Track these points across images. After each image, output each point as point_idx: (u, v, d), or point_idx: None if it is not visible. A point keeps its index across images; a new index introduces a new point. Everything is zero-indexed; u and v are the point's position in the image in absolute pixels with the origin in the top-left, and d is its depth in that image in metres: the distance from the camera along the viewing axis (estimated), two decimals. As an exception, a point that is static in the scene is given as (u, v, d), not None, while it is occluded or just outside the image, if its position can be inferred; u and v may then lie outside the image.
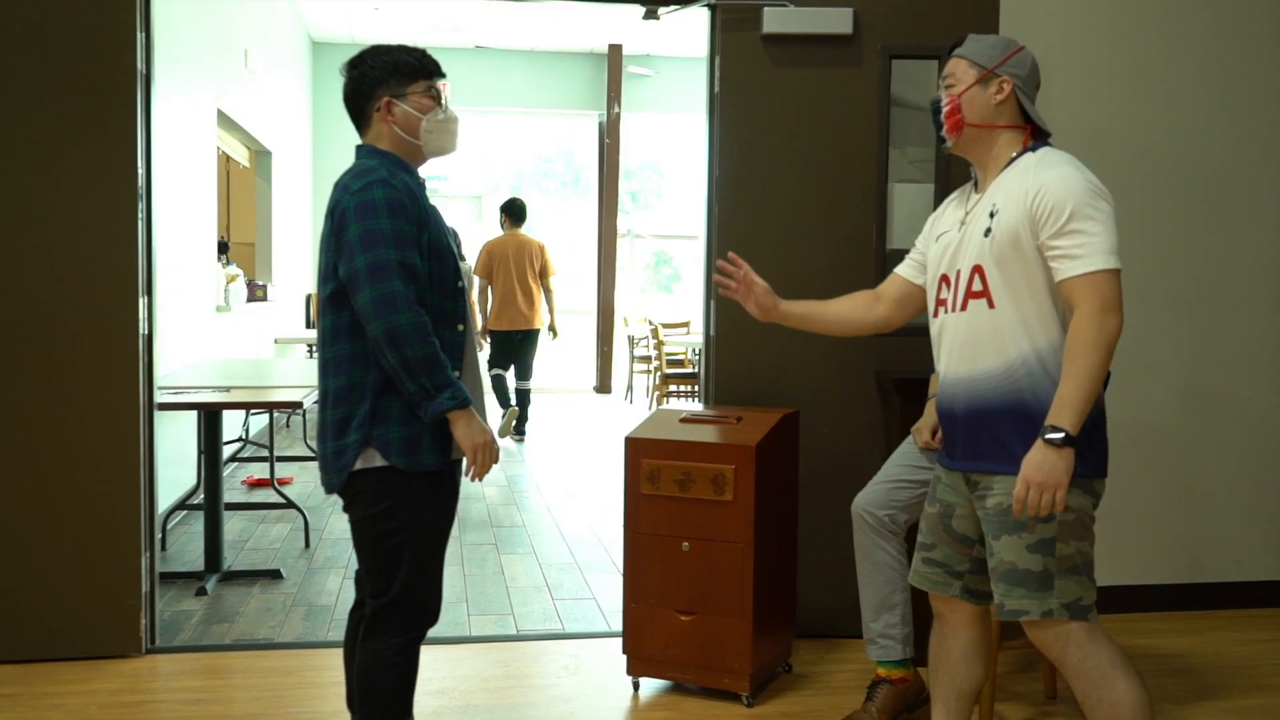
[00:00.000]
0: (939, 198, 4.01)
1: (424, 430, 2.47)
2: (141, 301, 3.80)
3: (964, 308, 2.50)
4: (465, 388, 2.47)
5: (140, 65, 3.76)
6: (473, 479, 2.52)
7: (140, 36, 3.74)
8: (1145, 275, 4.33)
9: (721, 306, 4.04)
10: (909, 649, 3.30)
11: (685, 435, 3.54)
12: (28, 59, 3.65)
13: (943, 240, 2.63)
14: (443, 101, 2.62)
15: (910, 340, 4.01)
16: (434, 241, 2.50)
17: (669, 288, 18.81)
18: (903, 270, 2.89)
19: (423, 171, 2.69)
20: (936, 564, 2.64)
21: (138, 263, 3.78)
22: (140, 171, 3.77)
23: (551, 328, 8.83)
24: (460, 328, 2.57)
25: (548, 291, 8.71)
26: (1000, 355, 2.43)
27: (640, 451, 3.53)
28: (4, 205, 3.67)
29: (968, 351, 2.48)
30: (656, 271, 18.93)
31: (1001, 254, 2.42)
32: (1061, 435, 2.27)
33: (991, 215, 2.45)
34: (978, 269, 2.47)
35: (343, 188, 2.48)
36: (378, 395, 2.45)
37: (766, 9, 3.94)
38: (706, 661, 3.47)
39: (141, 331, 3.81)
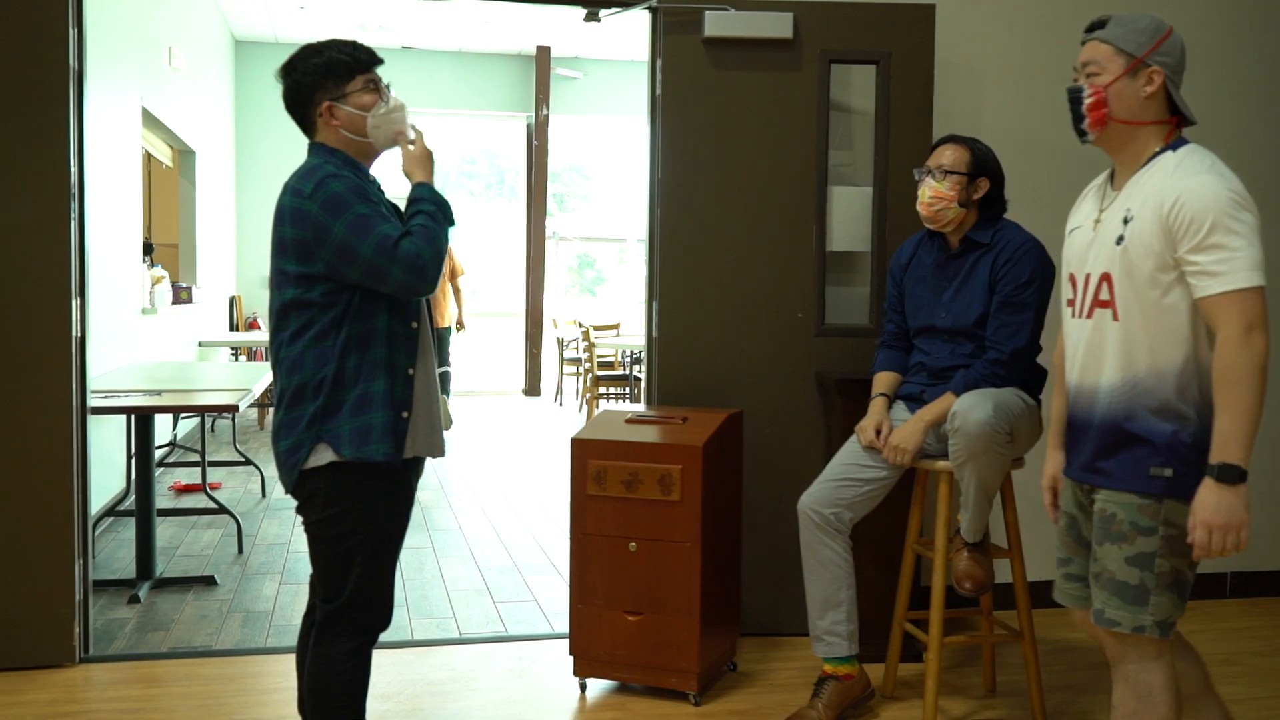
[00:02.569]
0: (877, 201, 4.08)
1: (374, 423, 2.44)
2: (75, 303, 3.72)
3: (1089, 315, 2.36)
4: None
5: (72, 61, 3.67)
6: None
7: (72, 32, 3.66)
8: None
9: (664, 307, 4.07)
10: (855, 645, 3.35)
11: (632, 436, 3.56)
12: (-45, 54, 3.55)
13: (1075, 236, 2.47)
14: (384, 93, 2.57)
15: (848, 341, 4.09)
16: None
17: (592, 290, 18.82)
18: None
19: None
20: (1075, 578, 2.50)
21: (70, 264, 3.70)
22: (73, 170, 3.69)
23: (459, 323, 9.16)
24: (414, 324, 2.55)
25: (456, 291, 9.08)
26: (1122, 370, 2.29)
27: (587, 452, 3.54)
28: (-70, 204, 3.56)
29: (1091, 361, 2.35)
30: (580, 274, 18.94)
31: (1132, 266, 2.26)
32: (1234, 471, 2.14)
33: (1125, 222, 2.29)
34: (1106, 277, 2.32)
35: (293, 191, 2.43)
36: (330, 391, 2.43)
37: (708, 12, 3.97)
38: (654, 661, 3.49)
39: (74, 334, 3.72)
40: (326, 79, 2.51)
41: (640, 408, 4.00)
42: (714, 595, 3.56)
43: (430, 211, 2.49)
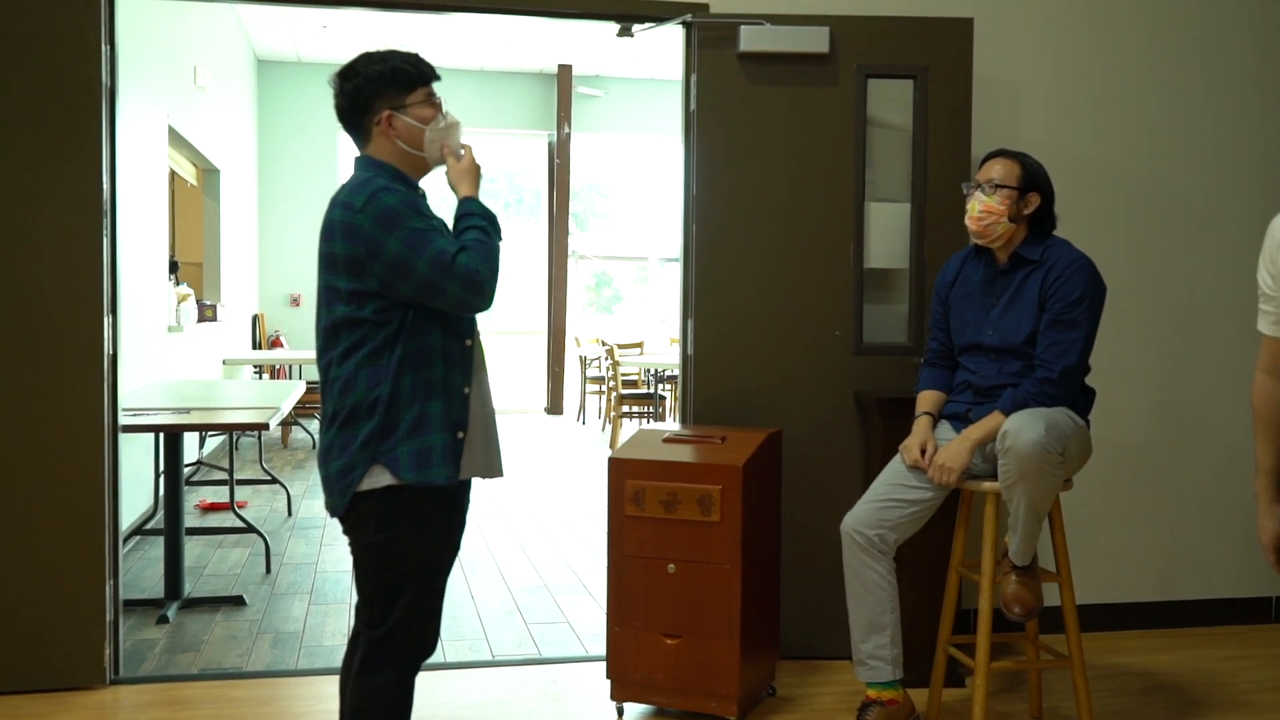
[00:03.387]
0: (916, 217, 4.03)
1: (434, 445, 2.38)
2: (106, 321, 3.69)
3: None
4: None
5: (104, 78, 3.66)
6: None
7: (105, 49, 3.65)
8: (1118, 295, 4.36)
9: (699, 325, 4.02)
10: (899, 670, 3.27)
11: (670, 455, 3.50)
12: (-11, 71, 3.54)
13: None
14: (441, 108, 2.52)
15: (887, 360, 4.03)
16: None
17: (609, 309, 18.80)
18: (1267, 329, 2.29)
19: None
20: None
21: (102, 281, 3.67)
22: (105, 187, 3.67)
23: None
24: (468, 343, 2.48)
25: None
26: None
27: (624, 472, 3.48)
28: (-36, 221, 3.55)
29: None
30: (598, 292, 18.92)
31: None
32: None
33: None
34: None
35: (344, 205, 2.37)
36: (386, 412, 2.36)
37: (743, 27, 3.94)
38: (693, 685, 3.42)
39: (106, 351, 3.69)
40: (389, 87, 2.46)
41: (674, 426, 3.95)
42: (754, 618, 3.50)
43: (482, 226, 2.44)
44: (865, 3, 4.12)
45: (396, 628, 2.44)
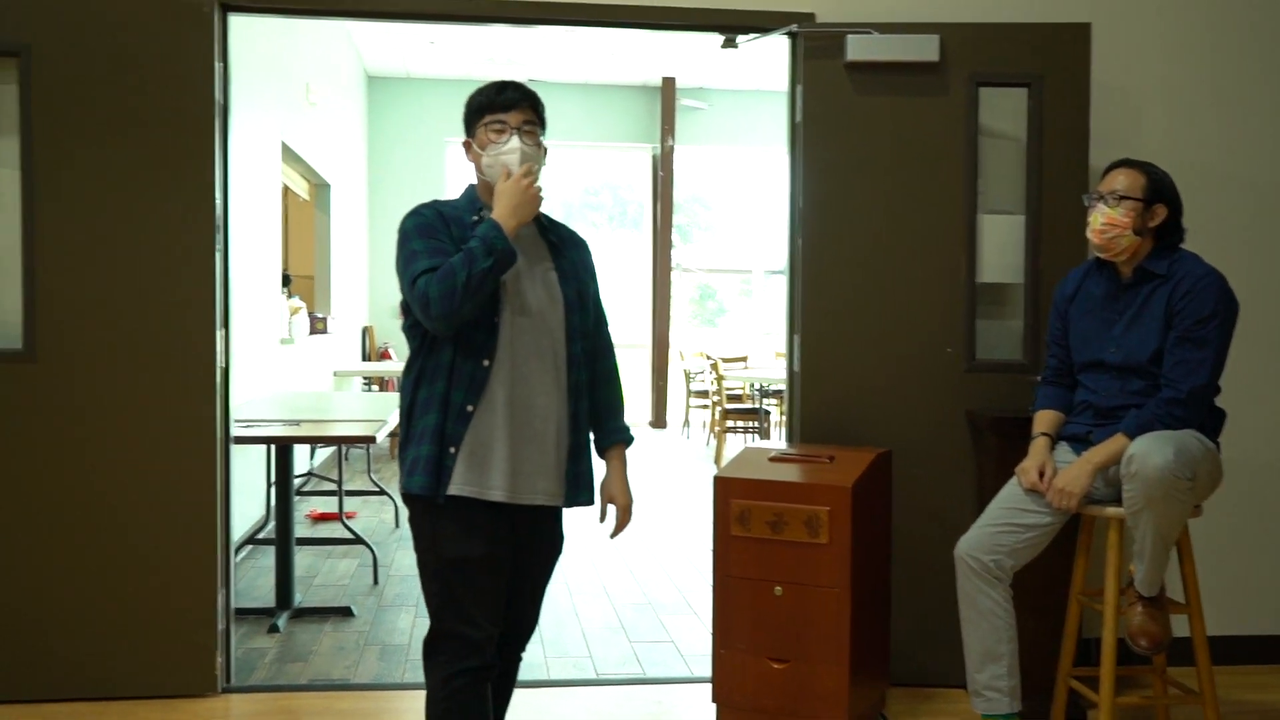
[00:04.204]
0: (1030, 230, 3.90)
1: (421, 455, 2.48)
2: (219, 334, 3.75)
3: None
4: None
5: (218, 96, 3.73)
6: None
7: (218, 66, 3.72)
8: (1248, 310, 4.16)
9: (806, 341, 3.94)
10: (1016, 702, 3.15)
11: (776, 475, 3.43)
12: (108, 89, 3.63)
13: None
14: (506, 135, 2.56)
15: (1001, 377, 3.90)
16: None
17: (713, 321, 18.72)
18: None
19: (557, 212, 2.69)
20: None
21: (215, 295, 3.73)
22: (218, 203, 3.73)
23: None
24: (486, 363, 2.50)
25: None
26: None
27: (730, 491, 3.42)
28: (87, 237, 3.64)
29: None
30: (701, 305, 18.85)
31: None
32: None
33: None
34: None
35: None
36: (406, 421, 2.55)
37: (850, 36, 3.85)
38: (800, 711, 3.34)
39: (219, 364, 3.76)
40: (471, 117, 2.64)
41: (780, 443, 3.88)
42: (863, 643, 3.41)
43: (469, 249, 2.43)
44: (977, 9, 4.01)
45: (432, 628, 2.55)
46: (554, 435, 2.57)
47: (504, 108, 2.57)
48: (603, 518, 2.81)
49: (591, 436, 2.74)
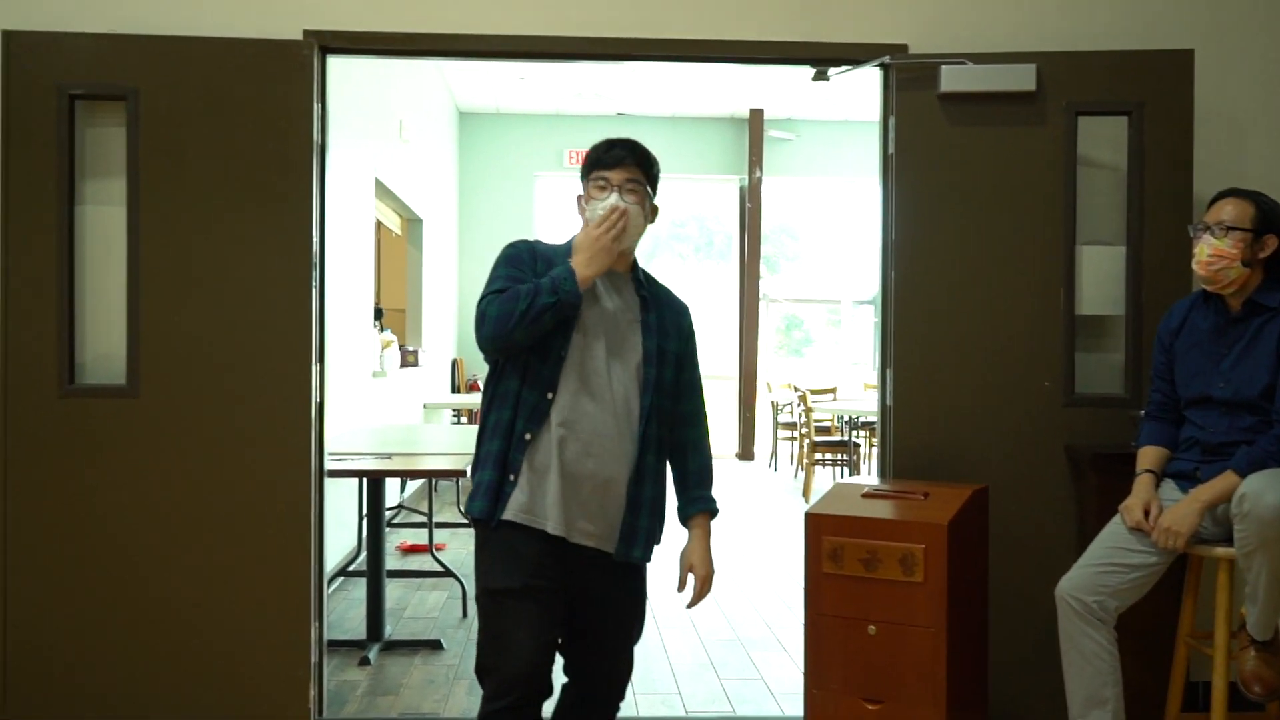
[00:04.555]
0: (1132, 261, 3.80)
1: (482, 480, 2.56)
2: (315, 369, 3.81)
3: None
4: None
5: (316, 135, 3.80)
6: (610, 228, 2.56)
7: (316, 107, 3.79)
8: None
9: (898, 375, 3.88)
10: (1121, 748, 3.05)
11: (869, 511, 3.37)
12: (211, 130, 3.71)
13: None
14: (607, 191, 2.61)
15: (1101, 412, 3.80)
16: None
17: (800, 351, 18.60)
18: None
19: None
20: None
21: (311, 330, 3.79)
22: (315, 240, 3.80)
23: None
24: (549, 395, 2.54)
25: None
26: None
27: (822, 528, 3.37)
28: (188, 275, 3.72)
29: None
30: (788, 335, 18.75)
31: None
32: None
33: None
34: None
35: None
36: (477, 444, 2.64)
37: (944, 67, 3.81)
38: (895, 753, 3.27)
39: (314, 399, 3.81)
40: (581, 173, 2.72)
41: (871, 479, 3.82)
42: (960, 684, 3.32)
43: (537, 284, 2.51)
44: (1074, 38, 3.94)
45: (477, 653, 2.57)
46: (610, 480, 2.57)
47: (609, 165, 2.63)
48: (681, 586, 2.79)
49: (676, 504, 2.79)
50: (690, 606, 2.77)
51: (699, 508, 2.78)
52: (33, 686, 3.72)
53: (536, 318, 2.46)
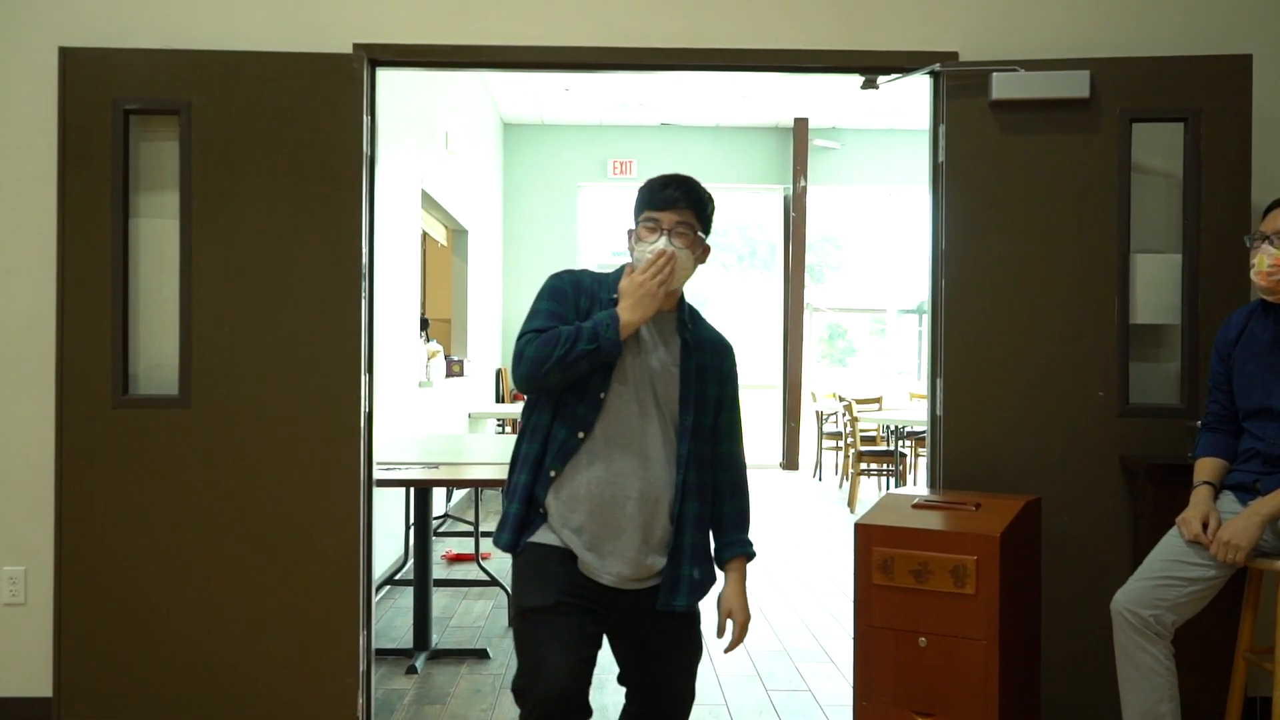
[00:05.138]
0: (1188, 269, 3.74)
1: (509, 512, 2.60)
2: (364, 379, 3.83)
3: None
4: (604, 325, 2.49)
5: (365, 149, 3.82)
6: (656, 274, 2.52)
7: (366, 120, 3.82)
8: None
9: (948, 385, 3.84)
10: (1179, 765, 2.99)
11: (920, 523, 3.34)
12: (262, 143, 3.75)
13: None
14: (655, 235, 2.58)
15: (1156, 423, 3.75)
16: None
17: (843, 361, 18.52)
18: None
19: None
20: None
21: (360, 341, 3.82)
22: (364, 251, 3.82)
23: None
24: (581, 435, 2.54)
25: None
26: None
27: (872, 539, 3.34)
28: (239, 286, 3.76)
29: None
30: (831, 344, 18.68)
31: None
32: None
33: None
34: None
35: None
36: (510, 471, 2.65)
37: (995, 74, 3.77)
38: (946, 767, 3.23)
39: (363, 409, 3.83)
40: (636, 208, 2.66)
41: (919, 488, 3.78)
42: (1012, 697, 3.28)
43: (579, 327, 2.50)
44: (1128, 44, 3.89)
45: (515, 676, 2.55)
46: (639, 524, 2.55)
47: (660, 206, 2.59)
48: (720, 632, 2.75)
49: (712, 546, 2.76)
50: (728, 651, 2.76)
51: (735, 551, 2.74)
52: (86, 694, 3.76)
53: (574, 363, 2.46)
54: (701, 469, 2.65)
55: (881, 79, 4.06)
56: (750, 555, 2.77)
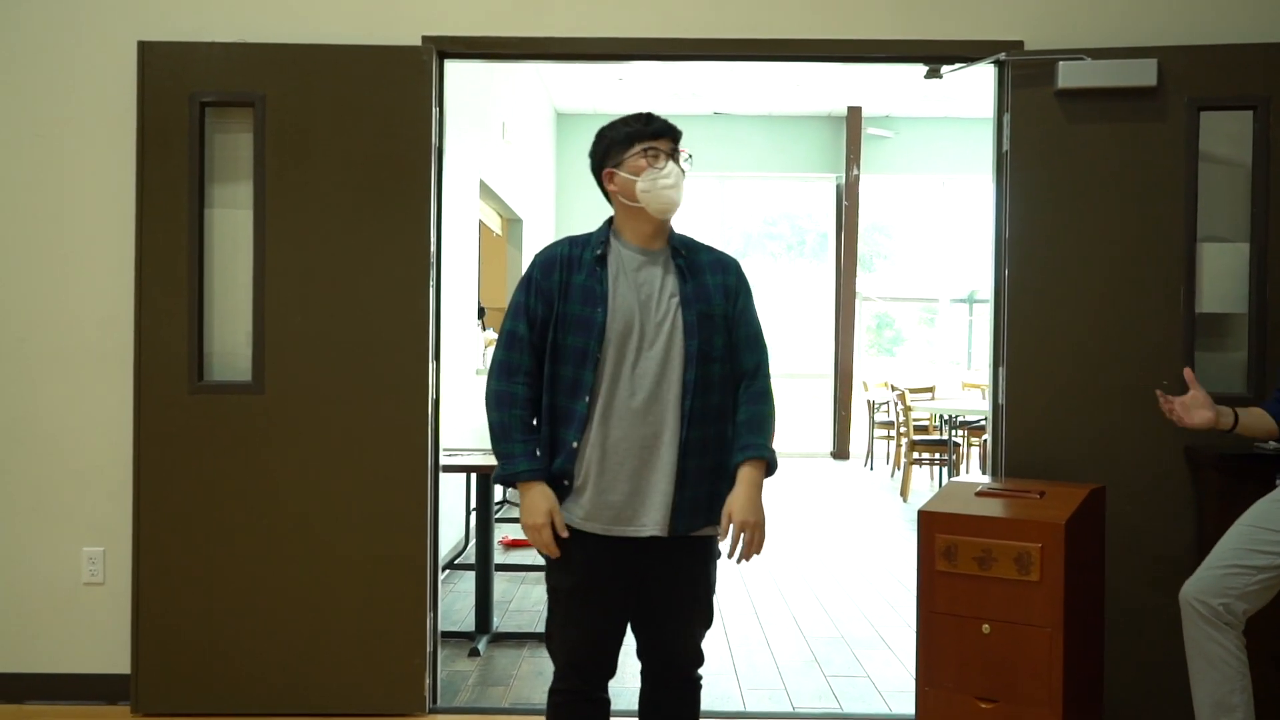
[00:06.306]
0: (1256, 258, 3.72)
1: (521, 450, 2.60)
2: (431, 366, 3.90)
3: None
4: (528, 463, 2.56)
5: (434, 140, 3.89)
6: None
7: (434, 112, 3.88)
8: None
9: (1011, 374, 3.84)
10: (1251, 757, 2.99)
11: (984, 510, 3.35)
12: (334, 134, 3.83)
13: None
14: (661, 160, 2.62)
15: (1223, 411, 3.72)
16: (566, 313, 2.59)
17: (891, 350, 18.42)
18: None
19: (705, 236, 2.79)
20: None
21: (429, 329, 3.89)
22: (432, 241, 3.89)
23: None
24: (587, 399, 2.56)
25: None
26: None
27: (935, 526, 3.36)
28: (311, 275, 3.84)
29: None
30: (879, 334, 18.58)
31: None
32: None
33: None
34: None
35: None
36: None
37: (1062, 63, 3.76)
38: (1009, 753, 3.25)
39: (431, 395, 3.90)
40: (608, 152, 2.69)
41: (977, 477, 3.79)
42: (1076, 685, 3.29)
43: (503, 448, 2.63)
44: (1196, 31, 3.86)
45: (547, 643, 2.75)
46: (655, 467, 2.57)
47: (656, 135, 2.66)
48: (722, 535, 2.63)
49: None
50: (733, 558, 2.59)
51: (747, 455, 2.61)
52: (162, 671, 3.87)
53: (491, 432, 2.65)
54: (711, 392, 2.61)
55: (946, 69, 4.06)
56: (765, 459, 2.62)
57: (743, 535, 2.57)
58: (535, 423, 2.61)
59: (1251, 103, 3.73)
